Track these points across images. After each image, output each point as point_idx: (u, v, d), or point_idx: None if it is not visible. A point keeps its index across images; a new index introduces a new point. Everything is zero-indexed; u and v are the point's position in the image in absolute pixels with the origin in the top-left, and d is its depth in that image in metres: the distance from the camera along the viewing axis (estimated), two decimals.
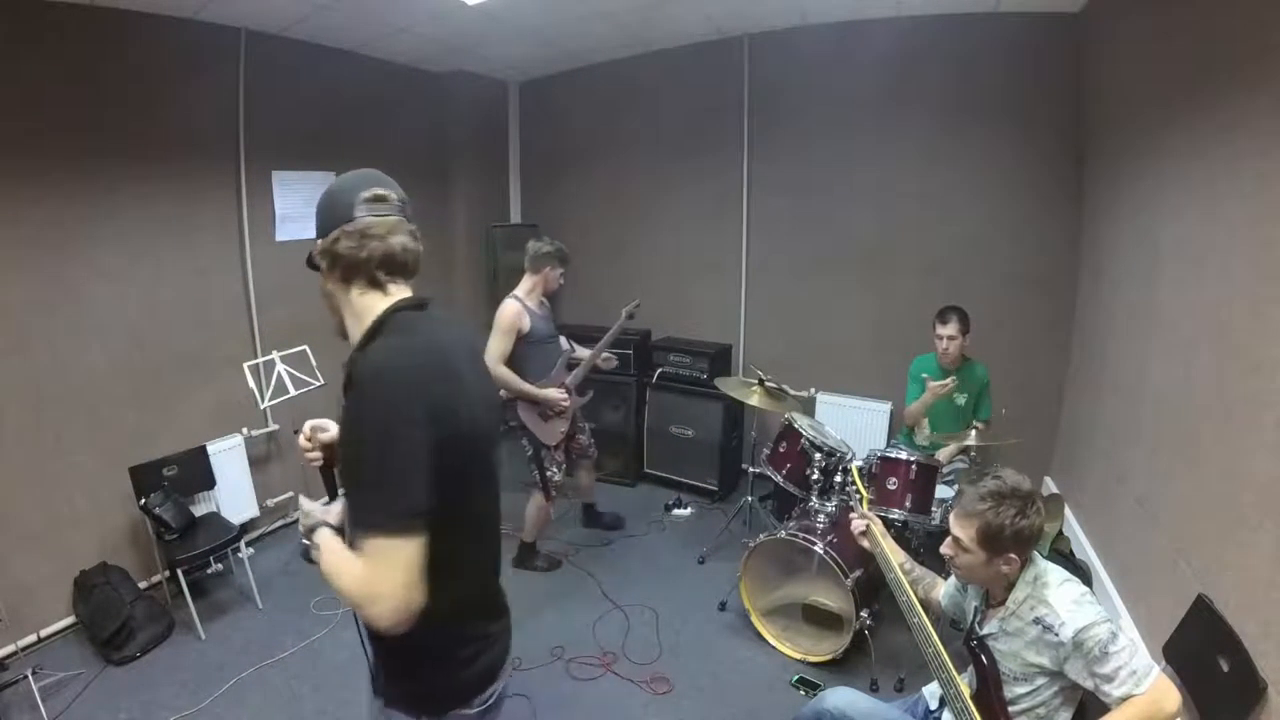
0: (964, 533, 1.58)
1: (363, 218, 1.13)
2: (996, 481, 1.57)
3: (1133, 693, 1.40)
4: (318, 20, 3.48)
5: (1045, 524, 1.56)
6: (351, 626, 1.19)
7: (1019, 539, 1.53)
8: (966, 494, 1.59)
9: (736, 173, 4.45)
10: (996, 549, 1.54)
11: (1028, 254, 3.75)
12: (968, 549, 1.58)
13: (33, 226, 2.83)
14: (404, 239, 1.16)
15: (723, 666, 2.80)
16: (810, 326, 4.40)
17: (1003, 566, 1.56)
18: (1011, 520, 1.52)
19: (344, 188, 1.17)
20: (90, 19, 2.90)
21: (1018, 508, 1.53)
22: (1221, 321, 2.01)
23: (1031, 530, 1.53)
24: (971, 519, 1.56)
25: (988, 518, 1.53)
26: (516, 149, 5.50)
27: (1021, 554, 1.56)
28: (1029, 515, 1.53)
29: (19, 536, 2.80)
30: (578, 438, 3.48)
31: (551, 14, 3.72)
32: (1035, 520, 1.54)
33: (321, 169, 4.04)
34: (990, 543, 1.54)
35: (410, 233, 1.18)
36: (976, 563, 1.58)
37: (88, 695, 2.60)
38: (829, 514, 2.92)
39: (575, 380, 3.34)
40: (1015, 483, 1.56)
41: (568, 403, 3.26)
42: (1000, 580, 1.60)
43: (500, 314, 3.15)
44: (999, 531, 1.52)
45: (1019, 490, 1.55)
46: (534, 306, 3.25)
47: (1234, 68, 1.96)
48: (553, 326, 3.39)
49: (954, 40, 3.67)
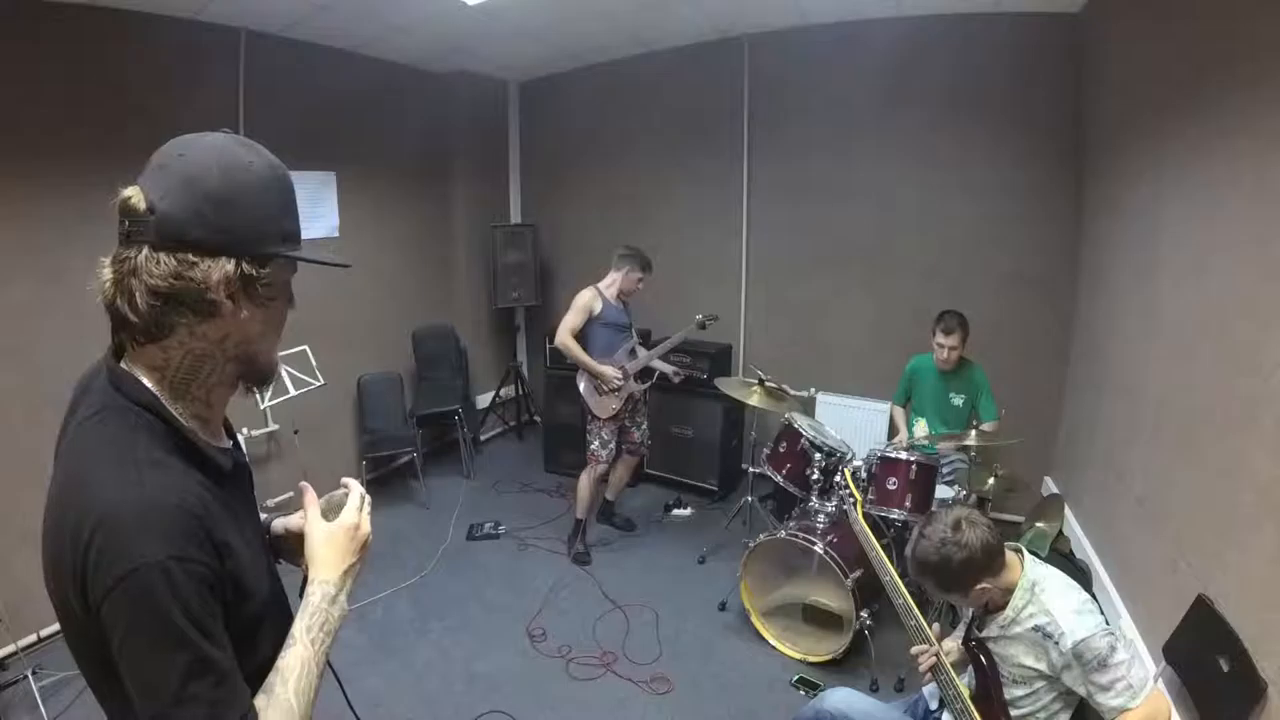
0: (931, 592, 1.67)
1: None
2: (925, 541, 1.57)
3: (1128, 705, 1.41)
4: (318, 20, 3.48)
5: (990, 536, 1.55)
6: (351, 627, 1.18)
7: (976, 567, 1.53)
8: (912, 565, 1.63)
9: (736, 173, 4.44)
10: (959, 588, 1.56)
11: (1027, 254, 3.75)
12: (948, 599, 1.65)
13: (33, 226, 2.83)
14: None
15: (723, 666, 2.80)
16: (810, 326, 4.40)
17: (978, 590, 1.56)
18: (957, 562, 1.52)
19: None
20: (90, 19, 2.90)
21: (954, 547, 1.52)
22: (1221, 321, 2.01)
23: (981, 553, 1.52)
24: (930, 582, 1.60)
25: (937, 576, 1.56)
26: (516, 149, 5.50)
27: (990, 576, 1.55)
28: (964, 547, 1.51)
29: (19, 536, 2.79)
30: (632, 431, 3.66)
31: (551, 14, 3.71)
32: (975, 542, 1.52)
33: (321, 169, 4.05)
34: (949, 585, 1.57)
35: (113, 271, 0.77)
36: (964, 601, 1.63)
37: (88, 695, 2.57)
38: (829, 514, 2.92)
39: (635, 367, 3.52)
40: (941, 533, 1.55)
41: (620, 380, 3.43)
42: (992, 597, 1.61)
43: (578, 295, 3.50)
44: (952, 578, 1.54)
45: (945, 537, 1.54)
46: (610, 298, 3.51)
47: (1234, 68, 1.96)
48: (626, 319, 3.59)
49: (954, 40, 3.67)
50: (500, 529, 3.92)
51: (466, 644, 2.95)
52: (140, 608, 0.68)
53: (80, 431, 0.78)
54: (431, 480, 4.51)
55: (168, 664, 0.68)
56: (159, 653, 0.69)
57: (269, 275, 0.79)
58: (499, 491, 4.49)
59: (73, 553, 0.70)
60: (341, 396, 4.26)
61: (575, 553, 3.61)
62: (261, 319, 0.81)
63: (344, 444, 4.35)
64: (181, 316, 0.75)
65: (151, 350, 0.77)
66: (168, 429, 0.77)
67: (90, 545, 0.68)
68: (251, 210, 0.77)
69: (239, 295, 0.77)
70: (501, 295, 4.96)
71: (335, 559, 0.89)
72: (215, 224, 0.73)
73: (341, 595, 0.88)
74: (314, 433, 3.99)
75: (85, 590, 0.69)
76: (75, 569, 0.70)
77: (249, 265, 0.76)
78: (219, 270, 0.74)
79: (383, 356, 4.51)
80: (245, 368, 0.84)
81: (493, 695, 2.63)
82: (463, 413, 4.55)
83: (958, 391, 3.25)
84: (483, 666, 2.81)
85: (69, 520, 0.71)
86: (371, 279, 4.44)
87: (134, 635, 0.68)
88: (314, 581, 0.87)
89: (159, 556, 0.68)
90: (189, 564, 0.70)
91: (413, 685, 2.69)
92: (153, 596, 0.67)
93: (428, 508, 4.23)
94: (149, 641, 0.69)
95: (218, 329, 0.78)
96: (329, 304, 4.16)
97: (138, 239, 0.73)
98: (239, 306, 0.77)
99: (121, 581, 0.67)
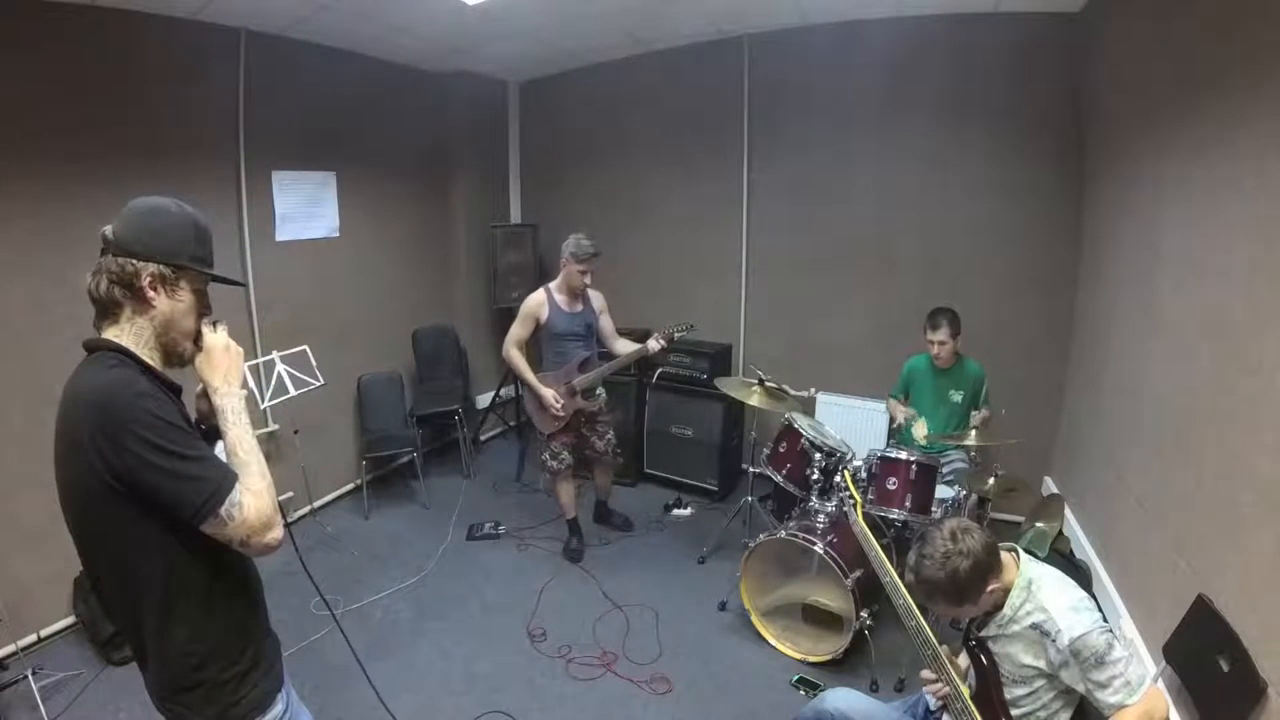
0: (944, 611, 1.64)
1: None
2: (927, 561, 1.55)
3: (1125, 702, 1.41)
4: (318, 20, 3.48)
5: (987, 536, 1.56)
6: (351, 627, 1.21)
7: (983, 570, 1.53)
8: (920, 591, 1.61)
9: (736, 173, 4.44)
10: (973, 595, 1.55)
11: (1028, 254, 3.75)
12: (954, 613, 1.63)
13: (33, 226, 2.83)
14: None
15: (723, 666, 2.80)
16: (810, 326, 4.40)
17: (989, 593, 1.56)
18: (965, 570, 1.51)
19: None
20: (90, 19, 2.90)
21: (960, 556, 1.52)
22: (1221, 321, 2.01)
23: (985, 553, 1.53)
24: (942, 601, 1.58)
25: (948, 592, 1.54)
26: (516, 149, 5.49)
27: (996, 576, 1.56)
28: (969, 554, 1.51)
29: (19, 536, 2.80)
30: (593, 440, 3.52)
31: (551, 14, 3.71)
32: (976, 545, 1.53)
33: (321, 169, 4.05)
34: (963, 596, 1.55)
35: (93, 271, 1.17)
36: (969, 613, 1.62)
37: (88, 695, 2.60)
38: (829, 514, 2.92)
39: (583, 384, 3.34)
40: (944, 541, 1.55)
41: (557, 407, 3.29)
42: (997, 598, 1.61)
43: (525, 300, 3.34)
44: (964, 587, 1.53)
45: (947, 553, 1.53)
46: (562, 299, 3.32)
47: (1234, 68, 1.96)
48: (581, 325, 3.38)
49: (954, 40, 3.67)
50: (500, 529, 3.92)
51: (466, 644, 2.95)
52: (143, 427, 1.04)
53: (77, 372, 1.13)
54: (431, 480, 4.51)
55: (184, 448, 1.07)
56: (177, 446, 1.07)
57: (181, 279, 1.19)
58: (499, 491, 4.49)
59: (79, 430, 1.05)
60: (341, 396, 4.26)
61: (568, 549, 3.63)
62: (175, 311, 1.19)
63: (344, 444, 4.35)
64: (125, 300, 1.15)
65: (114, 329, 1.16)
66: (135, 362, 1.14)
67: (88, 418, 1.04)
68: (170, 236, 1.19)
69: (159, 287, 1.17)
70: (501, 295, 4.96)
71: (221, 367, 1.25)
72: (147, 241, 1.16)
73: (234, 388, 1.25)
74: (314, 433, 3.99)
75: (104, 454, 1.03)
76: (92, 440, 1.03)
77: (165, 269, 1.17)
78: (146, 269, 1.15)
79: (383, 356, 4.51)
80: (166, 349, 1.20)
81: (493, 695, 2.63)
82: (463, 413, 4.55)
83: (957, 388, 3.25)
84: (483, 666, 2.81)
85: (72, 418, 1.07)
86: (371, 279, 4.45)
87: (151, 452, 1.04)
88: (214, 392, 1.23)
89: (136, 392, 1.07)
90: (157, 398, 1.09)
91: (413, 685, 2.69)
92: (147, 416, 1.05)
93: (428, 508, 4.23)
94: (161, 447, 1.05)
95: (148, 314, 1.17)
96: (329, 304, 4.17)
97: (106, 251, 1.16)
98: (159, 295, 1.17)
99: (122, 423, 1.03)
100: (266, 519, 1.13)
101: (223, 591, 1.21)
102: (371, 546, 3.77)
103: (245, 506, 1.11)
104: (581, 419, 3.45)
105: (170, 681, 1.18)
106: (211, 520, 1.08)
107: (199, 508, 1.07)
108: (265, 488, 1.15)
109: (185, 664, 1.16)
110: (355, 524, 4.06)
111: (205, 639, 1.18)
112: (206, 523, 1.09)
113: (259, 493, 1.14)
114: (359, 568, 3.53)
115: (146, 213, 1.19)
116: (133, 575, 1.13)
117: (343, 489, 4.38)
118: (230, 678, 1.21)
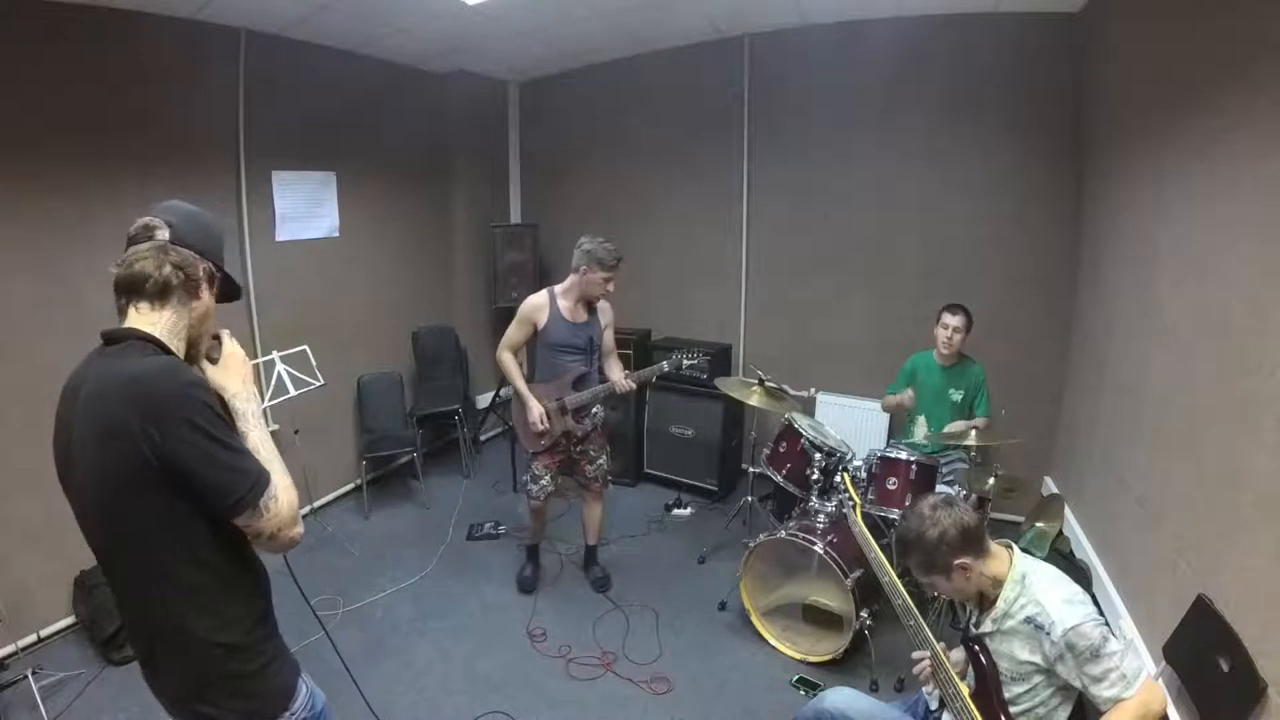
0: (918, 576, 1.69)
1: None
2: (904, 522, 1.68)
3: (1122, 695, 1.42)
4: (318, 20, 3.48)
5: (968, 518, 1.60)
6: (351, 627, 1.21)
7: (950, 543, 1.57)
8: (895, 548, 1.70)
9: (737, 172, 4.45)
10: (944, 563, 1.59)
11: (1028, 254, 3.75)
12: (933, 580, 1.66)
13: (33, 226, 2.82)
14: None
15: (723, 666, 2.80)
16: (810, 326, 4.40)
17: (961, 575, 1.59)
18: (932, 538, 1.58)
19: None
20: (90, 19, 2.89)
21: (930, 523, 1.59)
22: (1221, 321, 2.01)
23: (954, 529, 1.57)
24: (911, 561, 1.67)
25: (915, 554, 1.63)
26: (516, 149, 5.49)
27: (968, 553, 1.58)
28: (938, 524, 1.58)
29: (19, 536, 2.80)
30: (583, 464, 3.17)
31: (551, 14, 3.71)
32: (947, 520, 1.58)
33: (321, 169, 4.05)
34: (930, 563, 1.61)
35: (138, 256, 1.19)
36: (945, 587, 1.65)
37: (88, 695, 2.60)
38: (829, 514, 2.92)
39: (575, 403, 3.00)
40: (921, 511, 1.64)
41: (543, 425, 2.97)
42: (980, 585, 1.63)
43: (525, 301, 3.02)
44: (932, 552, 1.59)
45: (923, 514, 1.62)
46: (565, 306, 2.96)
47: (1234, 68, 1.96)
48: (583, 338, 3.00)
49: (954, 40, 3.67)
50: (500, 529, 3.92)
51: (466, 644, 2.95)
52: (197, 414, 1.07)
53: (104, 360, 1.13)
54: (431, 480, 4.51)
55: (230, 438, 1.12)
56: (226, 436, 1.11)
57: (214, 281, 1.26)
58: (499, 491, 4.49)
59: (123, 414, 1.04)
60: (341, 396, 4.26)
61: (520, 575, 3.39)
62: (210, 309, 1.26)
63: (344, 444, 4.35)
64: (178, 288, 1.18)
65: (151, 314, 1.17)
66: (167, 353, 1.16)
67: (135, 403, 1.04)
68: (216, 239, 1.29)
69: (206, 284, 1.24)
70: (501, 295, 4.96)
71: (239, 373, 1.30)
72: (200, 239, 1.23)
73: (254, 393, 1.30)
74: (314, 433, 3.99)
75: (153, 439, 1.03)
76: (141, 425, 1.03)
77: (214, 268, 1.26)
78: (201, 263, 1.22)
79: (383, 356, 4.51)
80: (193, 343, 1.25)
81: (493, 695, 2.63)
82: (463, 413, 4.55)
83: (957, 387, 3.26)
84: (483, 666, 2.81)
85: (109, 404, 1.06)
86: (372, 279, 4.45)
87: (204, 439, 1.07)
88: (234, 396, 1.25)
89: (188, 380, 1.10)
90: (206, 388, 1.14)
91: (413, 685, 2.69)
92: (200, 405, 1.08)
93: (428, 508, 4.23)
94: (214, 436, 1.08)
95: (189, 304, 1.21)
96: (329, 304, 4.17)
97: (136, 240, 1.18)
98: (205, 290, 1.24)
99: (177, 409, 1.05)
100: (295, 514, 1.18)
101: (245, 584, 1.24)
102: (371, 546, 3.77)
103: (280, 500, 1.15)
104: (572, 441, 3.10)
105: (198, 677, 1.19)
106: (249, 512, 1.11)
107: (242, 497, 1.10)
108: (290, 485, 1.19)
109: (212, 655, 1.17)
110: (355, 524, 4.06)
111: (231, 630, 1.19)
112: (243, 514, 1.11)
113: (288, 488, 1.18)
114: (359, 568, 3.53)
115: (195, 213, 1.25)
116: (160, 566, 1.13)
117: (343, 489, 4.38)
118: (256, 669, 1.23)
